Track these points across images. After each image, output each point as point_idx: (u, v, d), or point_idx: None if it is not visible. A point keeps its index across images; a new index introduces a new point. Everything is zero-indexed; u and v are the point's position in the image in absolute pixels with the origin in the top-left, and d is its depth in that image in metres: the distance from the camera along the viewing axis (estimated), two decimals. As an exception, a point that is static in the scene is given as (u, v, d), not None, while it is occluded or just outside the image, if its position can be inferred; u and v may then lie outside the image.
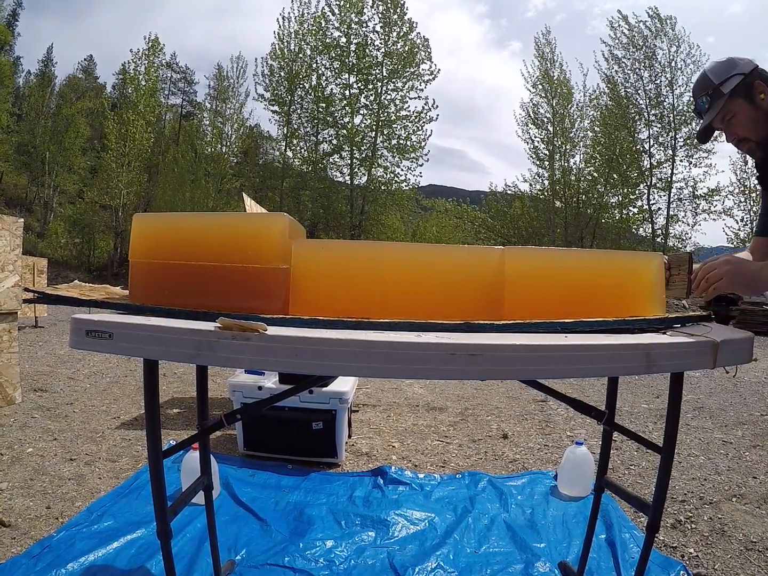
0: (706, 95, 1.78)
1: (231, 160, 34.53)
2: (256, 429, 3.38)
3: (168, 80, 49.66)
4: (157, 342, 1.13)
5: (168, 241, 1.47)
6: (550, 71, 29.39)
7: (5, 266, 3.99)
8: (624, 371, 1.22)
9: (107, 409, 4.53)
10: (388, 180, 30.39)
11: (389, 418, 4.58)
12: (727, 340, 1.21)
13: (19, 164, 37.99)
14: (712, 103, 1.77)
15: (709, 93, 1.77)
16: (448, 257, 1.50)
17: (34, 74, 42.48)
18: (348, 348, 1.07)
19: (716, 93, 1.75)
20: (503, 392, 5.85)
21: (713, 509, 2.82)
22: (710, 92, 1.77)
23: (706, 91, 1.78)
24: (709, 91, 1.77)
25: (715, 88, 1.75)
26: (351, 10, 29.22)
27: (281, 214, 1.45)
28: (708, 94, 1.78)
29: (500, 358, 1.09)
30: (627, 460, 3.56)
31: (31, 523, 2.46)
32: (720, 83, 1.74)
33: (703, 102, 1.80)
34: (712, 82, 1.76)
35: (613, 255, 1.59)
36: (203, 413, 1.88)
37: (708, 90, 1.77)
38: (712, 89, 1.76)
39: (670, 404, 1.53)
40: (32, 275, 10.39)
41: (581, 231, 28.85)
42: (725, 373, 6.76)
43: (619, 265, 1.54)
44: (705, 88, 1.78)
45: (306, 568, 2.16)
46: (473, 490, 3.00)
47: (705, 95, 1.79)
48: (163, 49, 35.62)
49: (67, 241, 36.32)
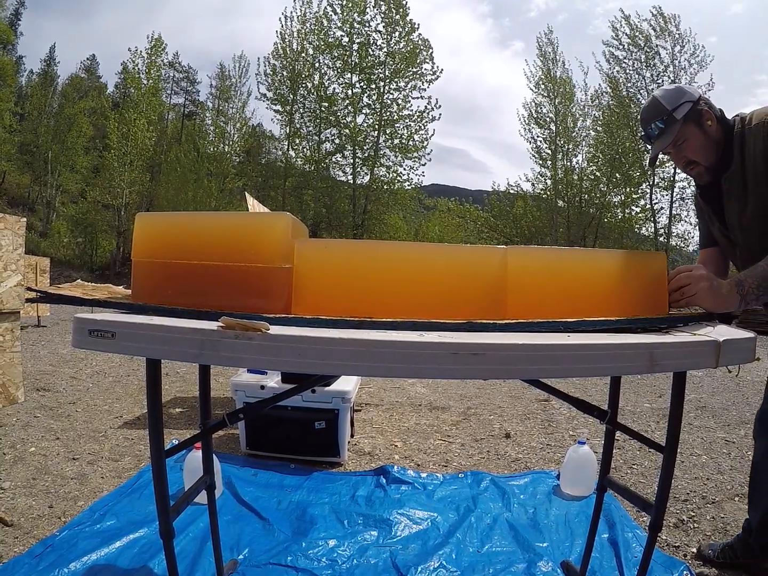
0: (660, 120, 1.85)
1: (233, 160, 34.59)
2: (259, 428, 3.38)
3: (170, 79, 49.74)
4: (159, 341, 1.13)
5: (170, 240, 1.47)
6: (553, 70, 29.38)
7: (8, 266, 3.99)
8: (627, 371, 1.22)
9: (110, 408, 4.54)
10: (391, 179, 30.38)
11: (392, 418, 4.58)
12: (730, 340, 1.21)
13: (22, 163, 38.11)
14: (667, 129, 1.85)
15: (663, 118, 1.84)
16: (450, 257, 1.50)
17: (36, 73, 42.57)
18: (350, 347, 1.06)
19: (670, 119, 1.83)
20: (506, 392, 5.85)
21: (716, 508, 2.82)
22: (664, 117, 1.84)
23: (660, 117, 1.85)
24: (663, 116, 1.84)
25: (669, 114, 1.83)
26: (353, 9, 29.20)
27: (284, 214, 1.45)
28: (662, 119, 1.85)
29: (503, 358, 1.09)
30: (629, 459, 3.56)
31: (34, 523, 2.46)
32: (673, 109, 1.82)
33: (654, 128, 1.88)
34: (666, 108, 1.83)
35: (616, 254, 1.58)
36: (206, 412, 1.88)
37: (662, 115, 1.84)
38: (666, 115, 1.83)
39: (673, 403, 1.52)
40: (35, 275, 10.42)
41: (584, 230, 28.83)
42: (728, 373, 6.75)
43: (621, 264, 1.53)
44: (659, 114, 1.85)
45: (309, 568, 2.17)
46: (476, 489, 3.00)
47: (659, 120, 1.86)
48: (165, 48, 35.70)
49: (69, 240, 36.40)
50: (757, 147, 1.76)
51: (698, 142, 1.85)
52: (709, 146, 1.86)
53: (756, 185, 1.79)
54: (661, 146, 1.88)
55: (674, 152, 1.91)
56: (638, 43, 27.87)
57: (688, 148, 1.87)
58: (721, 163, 1.88)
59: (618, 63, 28.42)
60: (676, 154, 1.92)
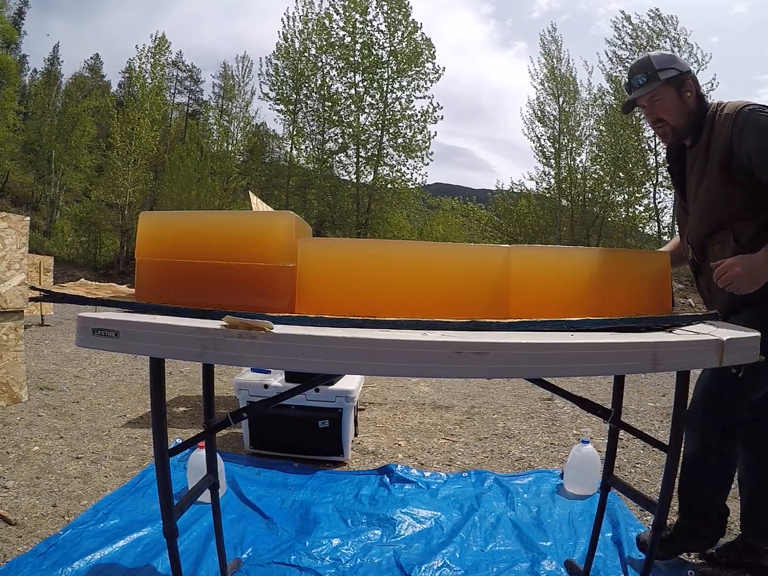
0: (644, 74, 2.06)
1: (237, 159, 34.63)
2: (262, 427, 3.38)
3: (174, 79, 49.79)
4: (163, 340, 1.13)
5: (174, 239, 1.47)
6: (557, 69, 29.35)
7: (11, 265, 4.00)
8: (630, 369, 1.22)
9: (113, 407, 4.54)
10: (394, 178, 30.39)
11: (395, 417, 4.58)
12: (733, 339, 1.21)
13: (26, 163, 38.17)
14: (647, 83, 2.05)
15: (648, 74, 2.05)
16: (454, 256, 1.50)
17: (40, 72, 42.66)
18: (354, 346, 1.07)
19: (654, 76, 2.03)
20: (509, 390, 5.84)
21: (720, 508, 2.81)
22: (648, 73, 2.05)
23: (645, 72, 2.06)
24: (648, 72, 2.05)
25: (654, 71, 2.03)
26: (355, 9, 29.20)
27: (287, 213, 1.45)
28: (646, 74, 2.05)
29: (506, 357, 1.09)
30: (633, 458, 3.55)
31: (38, 522, 2.47)
32: (659, 69, 2.03)
33: (638, 79, 2.08)
34: (653, 66, 2.04)
35: (620, 253, 1.58)
36: (209, 411, 1.88)
37: (647, 71, 2.05)
38: (651, 71, 2.04)
39: (677, 403, 1.52)
40: (38, 274, 10.44)
41: (587, 229, 28.76)
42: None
43: (625, 263, 1.53)
44: (645, 69, 2.06)
45: (312, 567, 2.16)
46: (479, 488, 3.00)
47: (643, 74, 2.06)
48: (169, 47, 35.72)
49: (73, 239, 36.43)
50: (723, 133, 1.96)
51: (672, 104, 2.06)
52: (681, 111, 2.06)
53: (712, 165, 2.00)
54: (638, 95, 2.08)
55: (648, 106, 2.11)
56: (640, 43, 27.85)
57: (660, 107, 2.07)
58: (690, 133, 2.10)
59: (621, 62, 28.39)
60: (649, 108, 2.11)
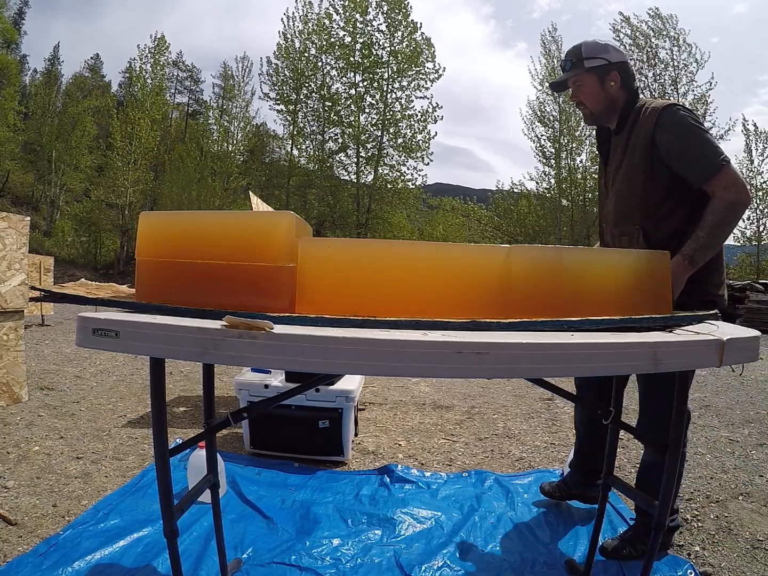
0: (571, 60, 2.23)
1: (237, 159, 34.66)
2: (263, 427, 3.38)
3: (174, 79, 49.84)
4: (163, 340, 1.13)
5: (174, 239, 1.47)
6: (557, 69, 29.37)
7: (12, 264, 4.01)
8: (630, 369, 1.22)
9: (114, 407, 4.54)
10: (394, 178, 30.42)
11: (395, 417, 4.58)
12: (734, 339, 1.21)
13: (26, 163, 38.22)
14: (572, 69, 2.23)
15: (573, 60, 2.22)
16: (454, 256, 1.50)
17: (40, 72, 42.70)
18: (354, 346, 1.07)
19: (579, 63, 2.20)
20: (510, 390, 5.84)
21: (720, 508, 2.81)
22: (574, 60, 2.22)
23: (572, 58, 2.23)
24: (574, 58, 2.22)
25: (580, 59, 2.20)
26: (355, 9, 29.21)
27: (287, 213, 1.45)
28: (572, 61, 2.23)
29: (507, 357, 1.09)
30: (634, 458, 3.55)
31: (38, 522, 2.47)
32: (586, 57, 2.18)
33: (566, 64, 2.26)
34: (581, 54, 2.20)
35: (620, 253, 1.58)
36: (209, 411, 1.88)
37: (574, 57, 2.22)
38: (578, 59, 2.21)
39: (677, 403, 1.52)
40: (39, 273, 10.44)
41: (588, 229, 28.75)
42: (732, 372, 6.74)
43: (625, 263, 1.53)
44: (573, 55, 2.23)
45: (312, 567, 2.17)
46: (480, 488, 3.00)
47: (571, 60, 2.23)
48: (169, 47, 35.75)
49: (73, 239, 36.50)
50: (646, 125, 2.10)
51: (593, 91, 2.22)
52: (601, 99, 2.23)
53: (632, 153, 2.15)
54: (561, 79, 2.30)
55: (573, 89, 2.29)
56: (639, 43, 27.88)
57: (582, 92, 2.25)
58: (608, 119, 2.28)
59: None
60: (573, 91, 2.30)
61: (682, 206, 2.07)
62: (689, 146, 1.99)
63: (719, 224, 1.96)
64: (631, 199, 2.15)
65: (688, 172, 2.01)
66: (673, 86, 27.42)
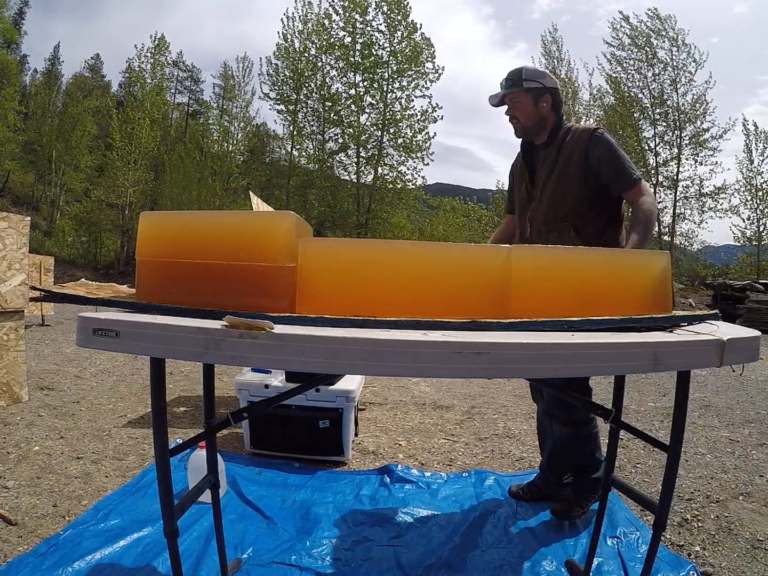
0: (512, 79, 2.49)
1: (237, 159, 34.67)
2: (263, 427, 3.38)
3: (174, 79, 49.84)
4: (163, 340, 1.13)
5: (175, 239, 1.47)
6: (557, 69, 29.39)
7: (12, 265, 4.00)
8: (631, 369, 1.22)
9: (114, 407, 4.54)
10: (395, 178, 30.40)
11: (396, 417, 4.58)
12: (734, 339, 1.21)
13: (26, 163, 38.23)
14: (511, 87, 2.49)
15: (514, 80, 2.49)
16: (454, 256, 1.50)
17: (40, 72, 42.71)
18: (355, 346, 1.06)
19: (518, 83, 2.48)
20: (510, 390, 5.85)
21: (720, 507, 2.81)
22: (515, 80, 2.49)
23: (513, 78, 2.49)
24: (515, 78, 2.49)
25: (519, 80, 2.48)
26: (355, 10, 29.21)
27: (288, 213, 1.45)
28: (512, 80, 2.49)
29: (507, 357, 1.09)
30: (634, 458, 3.55)
31: (38, 522, 2.47)
32: (525, 79, 2.47)
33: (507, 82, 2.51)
34: (521, 76, 2.48)
35: (620, 253, 1.59)
36: (210, 411, 1.88)
37: (515, 78, 2.49)
38: (518, 79, 2.48)
39: (677, 402, 1.52)
40: (39, 273, 10.44)
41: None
42: (732, 372, 6.74)
43: (625, 263, 1.53)
44: (514, 75, 2.50)
45: (313, 567, 2.17)
46: (480, 488, 3.00)
47: (512, 79, 2.50)
48: (168, 47, 35.73)
49: (73, 239, 36.48)
50: (580, 141, 2.45)
51: (526, 108, 2.51)
52: (533, 116, 2.52)
53: (565, 163, 2.47)
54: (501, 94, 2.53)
55: (510, 105, 2.55)
56: (638, 43, 27.88)
57: (517, 108, 2.53)
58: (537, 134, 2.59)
59: (619, 63, 28.46)
60: (510, 106, 2.56)
61: (605, 211, 2.48)
62: (613, 161, 2.39)
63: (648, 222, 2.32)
64: (566, 201, 2.46)
65: (611, 181, 2.40)
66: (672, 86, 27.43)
